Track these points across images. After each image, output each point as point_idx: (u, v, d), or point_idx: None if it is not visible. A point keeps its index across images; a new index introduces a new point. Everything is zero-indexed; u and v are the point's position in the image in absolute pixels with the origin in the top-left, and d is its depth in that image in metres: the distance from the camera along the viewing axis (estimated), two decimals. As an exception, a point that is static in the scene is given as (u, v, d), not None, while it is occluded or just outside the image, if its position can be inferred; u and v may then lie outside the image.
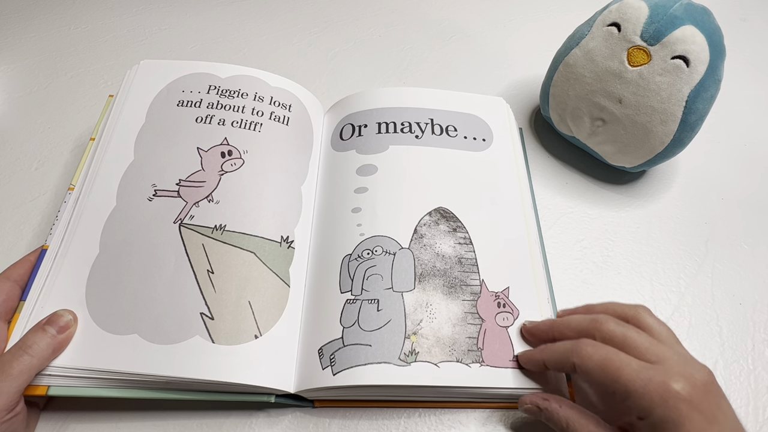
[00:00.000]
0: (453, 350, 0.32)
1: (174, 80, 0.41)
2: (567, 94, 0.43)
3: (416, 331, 0.32)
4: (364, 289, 0.33)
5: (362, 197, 0.38)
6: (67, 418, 0.32)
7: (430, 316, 0.33)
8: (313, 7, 0.62)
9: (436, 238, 0.36)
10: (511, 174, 0.41)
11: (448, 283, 0.34)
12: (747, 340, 0.38)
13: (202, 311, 0.31)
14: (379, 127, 0.42)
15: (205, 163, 0.37)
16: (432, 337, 0.32)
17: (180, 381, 0.29)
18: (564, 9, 0.64)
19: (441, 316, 0.33)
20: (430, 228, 0.36)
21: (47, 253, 0.33)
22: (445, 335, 0.32)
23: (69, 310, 0.30)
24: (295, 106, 0.42)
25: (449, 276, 0.35)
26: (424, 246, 0.36)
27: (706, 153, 0.49)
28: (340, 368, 0.30)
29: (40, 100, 0.50)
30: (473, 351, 0.32)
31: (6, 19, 0.57)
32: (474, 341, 0.32)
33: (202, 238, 0.34)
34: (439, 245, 0.36)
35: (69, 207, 0.35)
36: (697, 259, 0.42)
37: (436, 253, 0.35)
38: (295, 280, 0.35)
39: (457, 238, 0.36)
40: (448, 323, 0.33)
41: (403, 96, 0.44)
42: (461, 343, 0.32)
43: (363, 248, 0.35)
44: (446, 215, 0.37)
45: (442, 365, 0.31)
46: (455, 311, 0.33)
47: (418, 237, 0.36)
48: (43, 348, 0.28)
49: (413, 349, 0.31)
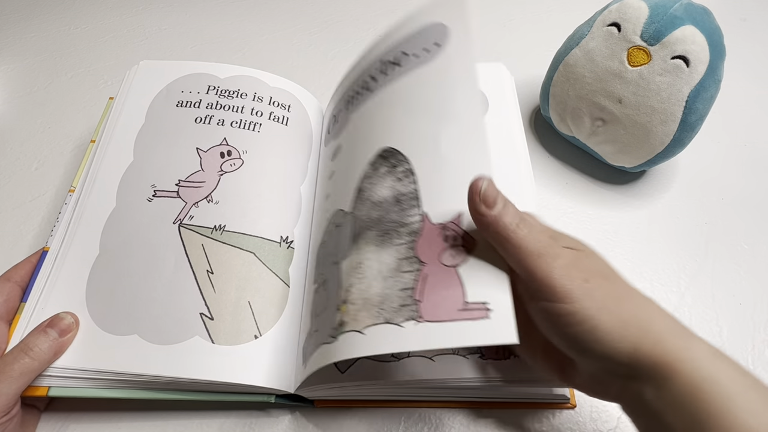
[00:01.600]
0: (381, 310, 0.25)
1: (173, 81, 0.41)
2: (567, 94, 0.43)
3: (345, 298, 0.27)
4: (320, 273, 0.32)
5: (330, 182, 0.37)
6: (68, 418, 0.32)
7: (359, 277, 0.27)
8: (313, 7, 0.62)
9: (374, 186, 0.30)
10: (468, 76, 0.30)
11: (381, 230, 0.28)
12: (747, 340, 0.38)
13: (202, 311, 0.31)
14: (346, 105, 0.38)
15: (204, 164, 0.37)
16: (359, 300, 0.26)
17: (180, 381, 0.29)
18: (564, 9, 0.64)
19: (371, 272, 0.27)
20: (370, 178, 0.31)
21: (48, 254, 0.33)
22: (374, 294, 0.26)
23: (71, 313, 0.30)
24: (294, 106, 0.42)
25: (383, 222, 0.28)
26: (363, 200, 0.30)
27: (706, 153, 0.49)
28: (305, 360, 0.29)
29: (40, 100, 0.50)
30: (407, 306, 0.25)
31: (6, 19, 0.57)
32: (408, 293, 0.25)
33: (202, 238, 0.34)
34: (377, 191, 0.30)
35: (69, 209, 0.35)
36: (697, 259, 0.42)
37: (373, 202, 0.30)
38: (295, 280, 0.35)
39: (396, 175, 0.30)
40: (378, 278, 0.26)
41: (361, 61, 0.38)
42: (392, 299, 0.25)
43: (326, 232, 0.33)
44: (386, 155, 0.31)
45: (368, 331, 0.25)
46: (387, 261, 0.27)
47: (359, 195, 0.31)
48: (44, 350, 0.28)
49: (341, 320, 0.26)
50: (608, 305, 0.23)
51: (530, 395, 0.32)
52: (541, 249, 0.24)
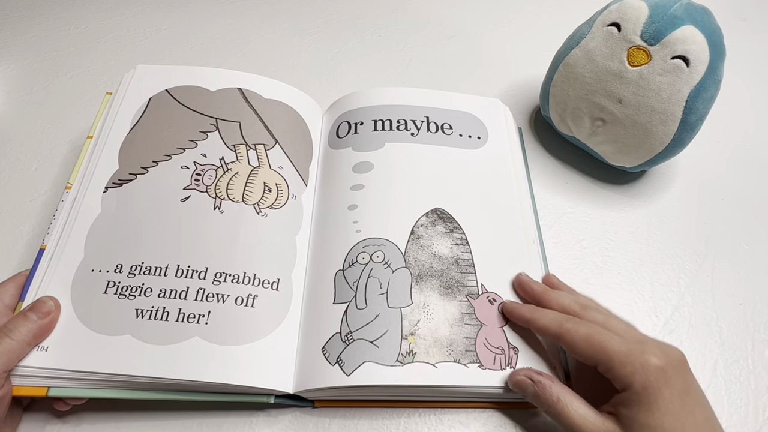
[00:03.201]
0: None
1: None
2: (567, 94, 0.43)
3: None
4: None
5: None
6: (67, 418, 0.32)
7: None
8: (313, 7, 0.62)
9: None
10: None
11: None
12: (747, 340, 0.38)
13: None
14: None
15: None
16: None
17: (179, 382, 0.29)
18: (564, 9, 0.64)
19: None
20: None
21: (44, 252, 0.33)
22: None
23: (51, 297, 0.31)
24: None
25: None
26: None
27: (706, 153, 0.49)
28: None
29: (40, 100, 0.50)
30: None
31: (6, 19, 0.57)
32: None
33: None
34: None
35: (66, 206, 0.35)
36: (697, 259, 0.42)
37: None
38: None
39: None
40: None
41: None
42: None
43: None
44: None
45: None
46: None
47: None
48: (24, 333, 0.28)
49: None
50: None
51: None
52: (577, 422, 0.28)
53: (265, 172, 0.37)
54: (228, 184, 0.36)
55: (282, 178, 0.38)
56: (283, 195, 0.37)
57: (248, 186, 0.36)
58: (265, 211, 0.36)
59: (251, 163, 0.38)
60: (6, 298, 0.31)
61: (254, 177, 0.37)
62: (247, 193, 0.36)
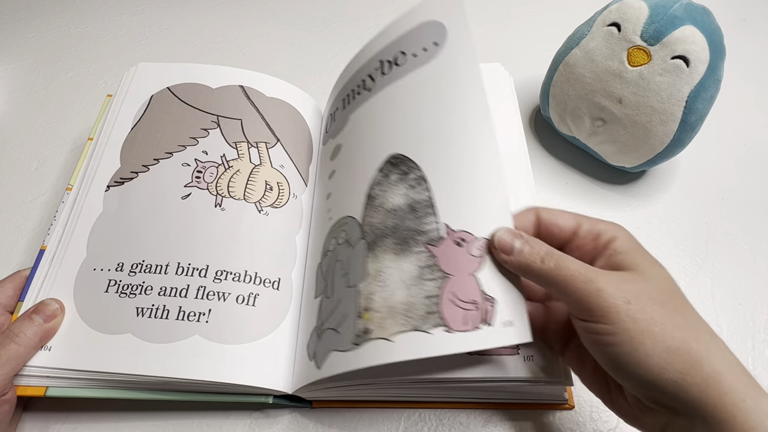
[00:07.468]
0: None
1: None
2: (567, 94, 0.43)
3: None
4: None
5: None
6: (67, 418, 0.32)
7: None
8: (313, 7, 0.62)
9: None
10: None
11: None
12: (747, 340, 0.38)
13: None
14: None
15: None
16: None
17: (179, 381, 0.29)
18: (564, 9, 0.64)
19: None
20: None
21: (45, 253, 0.33)
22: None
23: (56, 299, 0.30)
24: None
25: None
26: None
27: (706, 153, 0.49)
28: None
29: (40, 100, 0.50)
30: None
31: (6, 19, 0.57)
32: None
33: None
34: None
35: (66, 207, 0.35)
36: (697, 259, 0.42)
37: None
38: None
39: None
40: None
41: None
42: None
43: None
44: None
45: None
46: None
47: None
48: (29, 336, 0.28)
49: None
50: (654, 330, 0.23)
51: (528, 396, 0.32)
52: (574, 274, 0.24)
53: (267, 170, 0.37)
54: (229, 182, 0.36)
55: (283, 177, 0.38)
56: (284, 194, 0.37)
57: (249, 184, 0.36)
58: (266, 209, 0.36)
59: (253, 161, 0.38)
60: (3, 298, 0.31)
61: (256, 175, 0.37)
62: (248, 191, 0.36)
